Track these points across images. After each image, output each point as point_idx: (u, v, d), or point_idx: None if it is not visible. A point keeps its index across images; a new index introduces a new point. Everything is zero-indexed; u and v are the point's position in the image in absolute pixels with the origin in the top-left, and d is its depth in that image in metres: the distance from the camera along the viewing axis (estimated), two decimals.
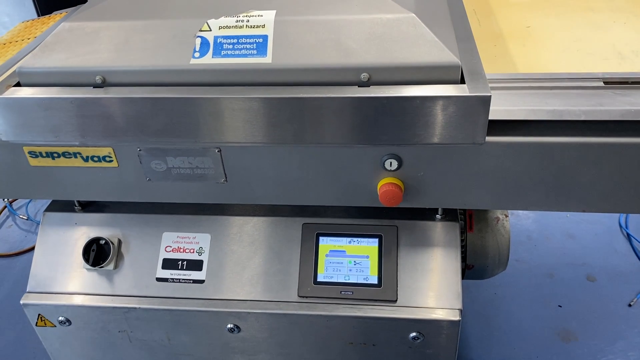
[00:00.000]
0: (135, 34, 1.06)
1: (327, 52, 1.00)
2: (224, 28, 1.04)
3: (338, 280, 1.21)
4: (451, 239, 1.22)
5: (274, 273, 1.25)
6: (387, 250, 1.22)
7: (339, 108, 0.99)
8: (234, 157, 1.12)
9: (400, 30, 1.01)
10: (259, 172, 1.14)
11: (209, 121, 1.02)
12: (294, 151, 1.10)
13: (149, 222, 1.32)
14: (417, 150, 1.07)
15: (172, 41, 1.04)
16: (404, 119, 0.98)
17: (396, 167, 1.09)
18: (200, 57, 1.03)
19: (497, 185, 1.10)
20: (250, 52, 1.02)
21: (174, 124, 1.03)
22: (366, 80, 1.00)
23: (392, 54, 0.99)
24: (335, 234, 1.24)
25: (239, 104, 1.00)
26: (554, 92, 1.07)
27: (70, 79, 1.05)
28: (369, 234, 1.23)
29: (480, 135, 0.98)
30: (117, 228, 1.32)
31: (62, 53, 1.06)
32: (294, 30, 1.02)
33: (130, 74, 1.04)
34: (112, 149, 1.14)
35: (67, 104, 1.03)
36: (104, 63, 1.04)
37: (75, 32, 1.08)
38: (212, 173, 1.15)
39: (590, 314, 2.21)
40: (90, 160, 1.16)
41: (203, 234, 1.29)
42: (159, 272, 1.28)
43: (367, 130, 1.01)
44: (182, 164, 1.15)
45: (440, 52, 0.98)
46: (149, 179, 1.17)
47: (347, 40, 1.01)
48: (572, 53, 1.29)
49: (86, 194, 1.23)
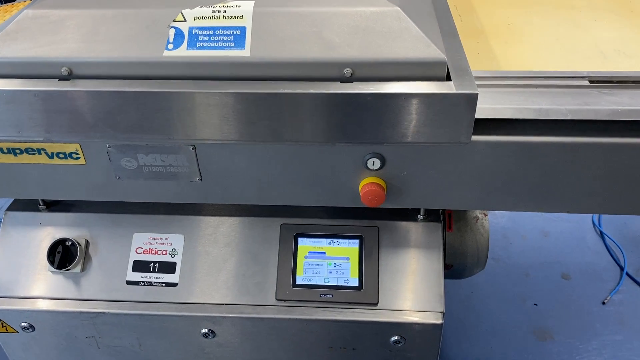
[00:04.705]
0: (105, 23, 1.00)
1: (309, 46, 0.96)
2: (199, 18, 0.99)
3: (317, 282, 1.17)
4: (433, 240, 1.19)
5: (251, 275, 1.20)
6: (368, 252, 1.18)
7: (320, 105, 0.94)
8: (209, 155, 1.07)
9: (385, 24, 0.97)
10: (235, 171, 1.09)
11: (183, 117, 0.97)
12: (273, 149, 1.06)
13: (119, 222, 1.25)
14: (401, 149, 1.04)
15: (144, 31, 0.98)
16: (388, 116, 0.95)
17: (379, 166, 1.06)
18: (174, 48, 0.97)
19: (482, 185, 1.07)
20: (227, 44, 0.97)
21: (146, 120, 0.98)
22: (349, 76, 0.96)
23: (376, 49, 0.95)
24: (314, 235, 1.20)
25: (215, 99, 0.94)
26: (540, 91, 1.05)
27: (33, 71, 0.98)
28: (350, 235, 1.20)
29: (465, 134, 0.95)
30: (85, 228, 1.25)
31: (24, 43, 0.99)
32: (273, 22, 0.98)
33: (99, 66, 0.98)
34: (79, 145, 1.07)
35: (30, 97, 0.96)
36: (71, 54, 0.97)
37: (39, 20, 1.01)
38: (186, 171, 1.10)
39: (566, 312, 2.23)
40: (55, 157, 1.10)
41: (176, 234, 1.23)
42: (130, 275, 1.22)
43: (350, 128, 0.97)
44: (155, 162, 1.09)
45: (426, 48, 0.95)
46: (118, 177, 1.11)
47: (330, 34, 0.96)
48: (555, 51, 1.28)
49: (51, 193, 1.17)
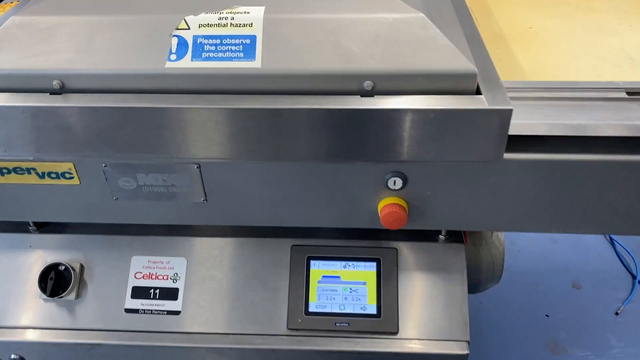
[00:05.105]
0: (100, 31, 0.91)
1: (325, 56, 0.87)
2: (204, 26, 0.90)
3: (332, 310, 1.08)
4: (456, 263, 1.11)
5: (260, 302, 1.11)
6: (386, 276, 1.10)
7: (339, 121, 0.86)
8: (215, 174, 0.99)
9: (409, 33, 0.88)
10: (243, 191, 1.01)
11: (188, 134, 0.88)
12: (285, 168, 0.97)
13: (116, 245, 1.16)
14: (425, 168, 0.95)
15: (143, 40, 0.89)
16: (412, 134, 0.86)
17: (400, 186, 0.97)
18: (177, 59, 0.88)
19: (512, 205, 0.99)
20: (236, 54, 0.88)
21: (146, 137, 0.89)
22: (370, 89, 0.87)
23: (399, 60, 0.87)
24: (328, 258, 1.11)
25: (223, 116, 0.86)
26: (574, 104, 0.96)
27: (22, 84, 0.89)
28: (366, 257, 1.11)
29: (497, 152, 0.87)
30: (79, 251, 1.16)
31: (11, 53, 0.90)
32: (286, 30, 0.89)
33: (94, 79, 0.89)
34: (73, 164, 0.98)
35: (18, 114, 0.87)
36: (63, 65, 0.88)
37: (28, 27, 0.92)
38: (190, 192, 1.01)
39: (578, 323, 2.16)
40: (46, 177, 1.00)
41: (178, 257, 1.15)
42: (128, 302, 1.13)
43: (370, 146, 0.88)
44: (155, 182, 1.00)
45: (455, 59, 0.86)
46: (115, 198, 1.02)
47: (348, 43, 0.88)
48: (581, 58, 1.20)
49: (42, 215, 1.08)
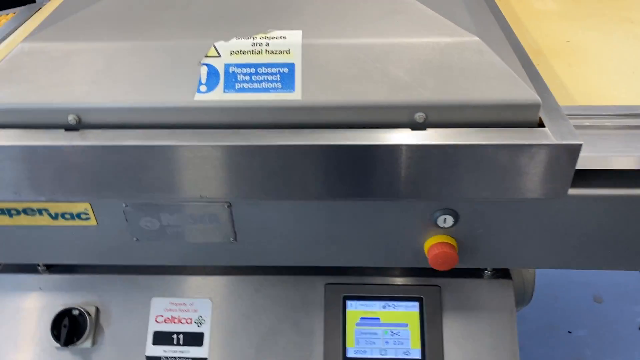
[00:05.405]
0: (119, 59, 0.81)
1: (372, 86, 0.79)
2: (237, 53, 0.81)
3: (372, 355, 1.00)
4: (505, 300, 1.03)
5: (293, 348, 1.03)
6: (430, 317, 1.01)
7: (389, 158, 0.78)
8: (247, 213, 0.90)
9: (464, 59, 0.80)
10: (278, 230, 0.92)
11: (219, 173, 0.80)
12: (325, 206, 0.89)
13: (134, 285, 1.07)
14: (479, 205, 0.87)
15: (168, 69, 0.80)
16: (470, 170, 0.78)
17: (451, 224, 0.89)
18: (208, 91, 0.79)
19: (571, 243, 0.91)
20: (273, 85, 0.80)
21: (173, 177, 0.80)
22: (422, 122, 0.79)
23: (454, 89, 0.78)
24: (366, 297, 1.03)
25: (260, 153, 0.77)
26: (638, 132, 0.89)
27: (34, 119, 0.80)
28: (407, 297, 1.03)
29: (562, 189, 0.79)
30: (93, 293, 1.07)
31: (21, 85, 0.81)
32: (327, 56, 0.80)
33: (114, 112, 0.80)
34: (90, 204, 0.89)
35: (31, 154, 0.78)
36: (79, 98, 0.79)
37: (39, 56, 0.82)
38: (219, 232, 0.92)
39: (602, 340, 2.09)
40: (60, 218, 0.91)
41: (202, 299, 1.05)
42: (149, 349, 1.04)
43: (422, 183, 0.80)
44: (181, 222, 0.91)
45: (516, 87, 0.78)
46: (136, 238, 0.93)
47: (397, 71, 0.79)
48: (631, 77, 1.11)
49: (53, 257, 0.98)
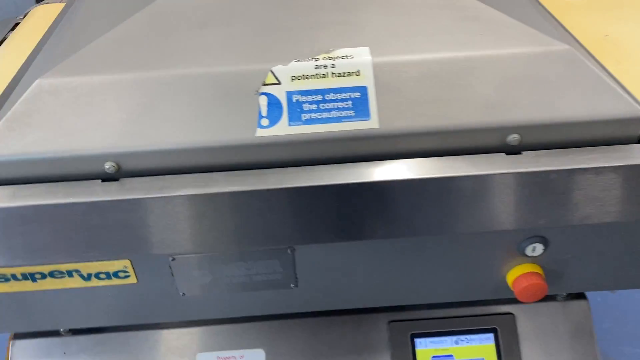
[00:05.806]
0: (159, 91, 0.69)
1: (458, 107, 0.69)
2: (299, 79, 0.70)
3: None
4: (583, 322, 0.95)
5: None
6: (506, 348, 0.93)
7: (482, 188, 0.68)
8: (311, 257, 0.79)
9: (556, 71, 0.71)
10: (344, 273, 0.81)
11: (286, 217, 0.69)
12: (399, 244, 0.78)
13: (175, 341, 0.94)
14: (572, 230, 0.79)
15: (221, 102, 0.69)
16: (571, 195, 0.70)
17: (541, 252, 0.80)
18: (271, 125, 0.68)
19: None
20: (344, 113, 0.69)
21: (233, 225, 0.69)
22: (516, 144, 0.70)
23: (550, 106, 0.69)
24: (435, 333, 0.93)
25: (334, 192, 0.67)
26: None
27: (64, 170, 0.67)
28: (480, 329, 0.94)
29: None
30: (125, 354, 0.93)
31: (44, 129, 0.68)
32: (402, 75, 0.70)
33: (159, 156, 0.68)
34: (130, 261, 0.77)
35: (63, 214, 0.65)
36: (117, 141, 0.67)
37: (62, 93, 0.69)
38: (279, 279, 0.81)
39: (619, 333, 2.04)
40: (94, 279, 0.78)
41: (254, 349, 0.94)
42: None
43: (513, 212, 0.71)
44: (237, 272, 0.79)
45: (617, 100, 0.70)
46: (183, 293, 0.81)
47: (484, 88, 0.70)
48: None
49: (83, 321, 0.85)
